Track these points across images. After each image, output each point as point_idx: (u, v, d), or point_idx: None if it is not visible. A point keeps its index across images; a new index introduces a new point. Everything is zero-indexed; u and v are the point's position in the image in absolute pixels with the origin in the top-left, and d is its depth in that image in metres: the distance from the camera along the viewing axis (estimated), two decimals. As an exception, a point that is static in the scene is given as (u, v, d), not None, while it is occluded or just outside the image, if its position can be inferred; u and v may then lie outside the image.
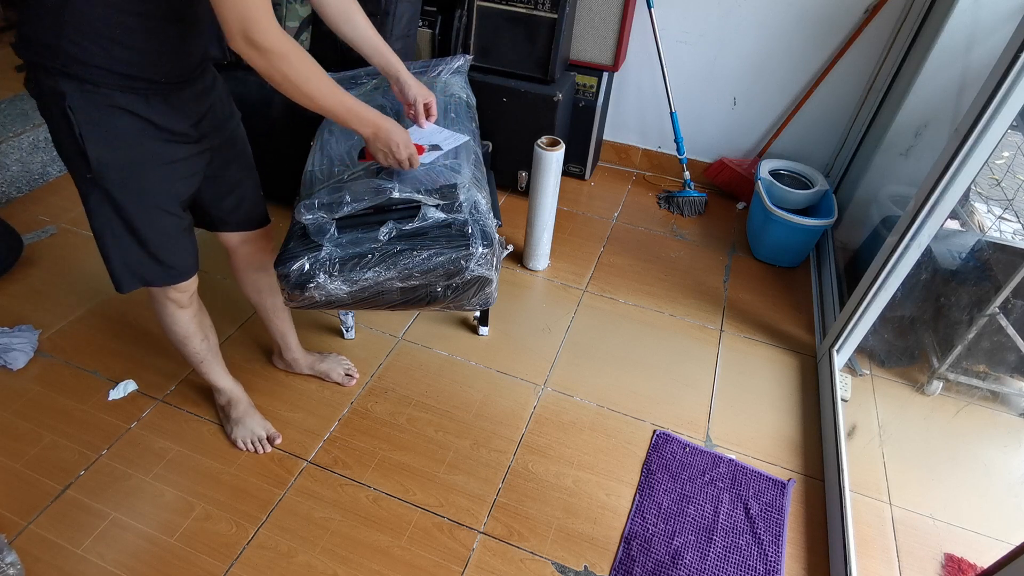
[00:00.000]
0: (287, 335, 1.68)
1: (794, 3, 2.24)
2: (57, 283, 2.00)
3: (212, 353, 1.48)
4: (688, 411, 1.76)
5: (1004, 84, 1.29)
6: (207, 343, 1.45)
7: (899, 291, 1.68)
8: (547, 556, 1.41)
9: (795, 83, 2.41)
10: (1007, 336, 1.66)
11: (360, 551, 1.39)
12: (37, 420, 1.60)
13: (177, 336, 1.40)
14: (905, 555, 1.47)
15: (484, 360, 1.87)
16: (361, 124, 1.13)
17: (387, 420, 1.67)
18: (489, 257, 1.24)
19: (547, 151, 1.93)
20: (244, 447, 1.57)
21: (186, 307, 1.35)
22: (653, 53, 2.46)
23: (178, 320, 1.36)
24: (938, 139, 1.95)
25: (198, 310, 1.40)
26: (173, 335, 1.40)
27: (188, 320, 1.38)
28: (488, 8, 2.27)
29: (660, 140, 2.77)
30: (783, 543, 1.46)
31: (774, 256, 2.34)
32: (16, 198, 2.34)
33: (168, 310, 1.33)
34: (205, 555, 1.37)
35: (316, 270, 1.18)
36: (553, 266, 2.26)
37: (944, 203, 1.49)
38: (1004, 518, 1.55)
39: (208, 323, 1.45)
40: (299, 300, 1.23)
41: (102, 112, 1.00)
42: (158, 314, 1.37)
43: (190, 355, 1.44)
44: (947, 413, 1.87)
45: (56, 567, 1.33)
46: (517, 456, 1.61)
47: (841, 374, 1.81)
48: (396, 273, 1.21)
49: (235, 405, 1.58)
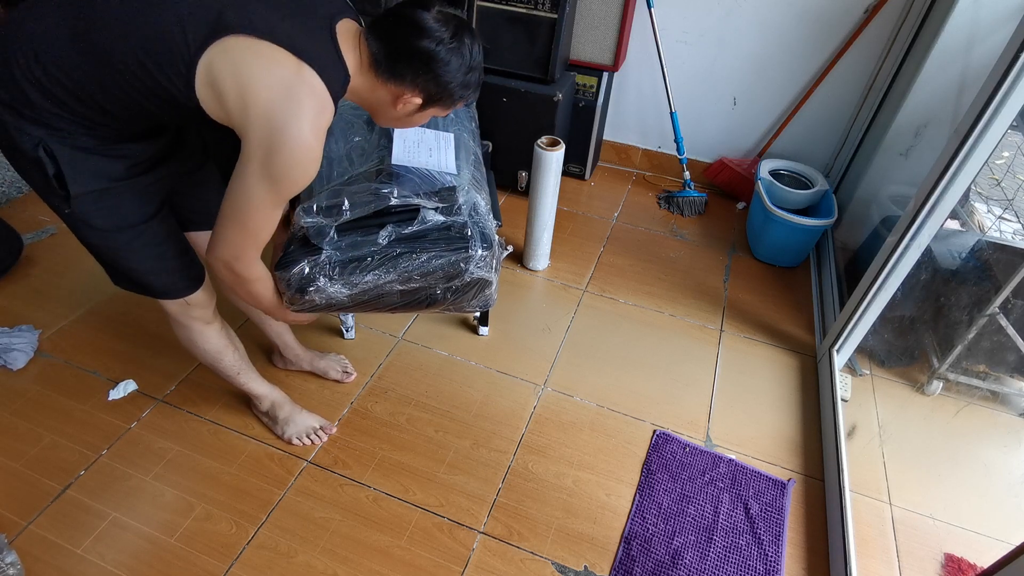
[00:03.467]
0: (283, 334, 1.68)
1: (794, 3, 2.24)
2: (57, 283, 2.00)
3: (245, 362, 1.47)
4: (688, 411, 1.76)
5: (1004, 84, 1.29)
6: (238, 353, 1.44)
7: (899, 291, 1.68)
8: (547, 556, 1.41)
9: (795, 83, 2.41)
10: (1007, 336, 1.66)
11: (360, 551, 1.39)
12: (37, 420, 1.60)
13: (210, 354, 1.38)
14: (905, 555, 1.47)
15: (484, 360, 1.87)
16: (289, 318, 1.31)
17: (387, 420, 1.67)
18: (489, 259, 1.24)
19: (547, 151, 1.93)
20: (301, 443, 1.58)
21: (212, 322, 1.34)
22: (653, 53, 2.46)
23: (208, 337, 1.35)
24: (938, 139, 1.95)
25: (222, 323, 1.39)
26: (206, 354, 1.38)
27: (217, 335, 1.37)
28: (488, 8, 2.27)
29: (660, 140, 2.77)
30: (783, 543, 1.46)
31: (774, 256, 2.34)
32: (16, 198, 2.34)
33: (195, 329, 1.32)
34: (205, 555, 1.37)
35: (316, 274, 1.18)
36: (553, 266, 2.26)
37: (944, 203, 1.49)
38: (1004, 518, 1.55)
39: (232, 333, 1.44)
40: (300, 304, 1.23)
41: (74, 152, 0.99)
42: (185, 340, 1.35)
43: (226, 369, 1.43)
44: (947, 413, 1.87)
45: (56, 567, 1.33)
46: (517, 456, 1.61)
47: (841, 374, 1.81)
48: (396, 276, 1.20)
49: (280, 407, 1.58)
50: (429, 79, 1.01)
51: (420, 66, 1.00)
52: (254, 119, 0.90)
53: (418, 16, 0.98)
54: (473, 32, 1.04)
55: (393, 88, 1.03)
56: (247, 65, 0.89)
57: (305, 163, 0.94)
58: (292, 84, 0.90)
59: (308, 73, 0.91)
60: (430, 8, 0.99)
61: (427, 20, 0.98)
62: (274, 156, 0.91)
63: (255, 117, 0.90)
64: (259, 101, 0.89)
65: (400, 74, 1.01)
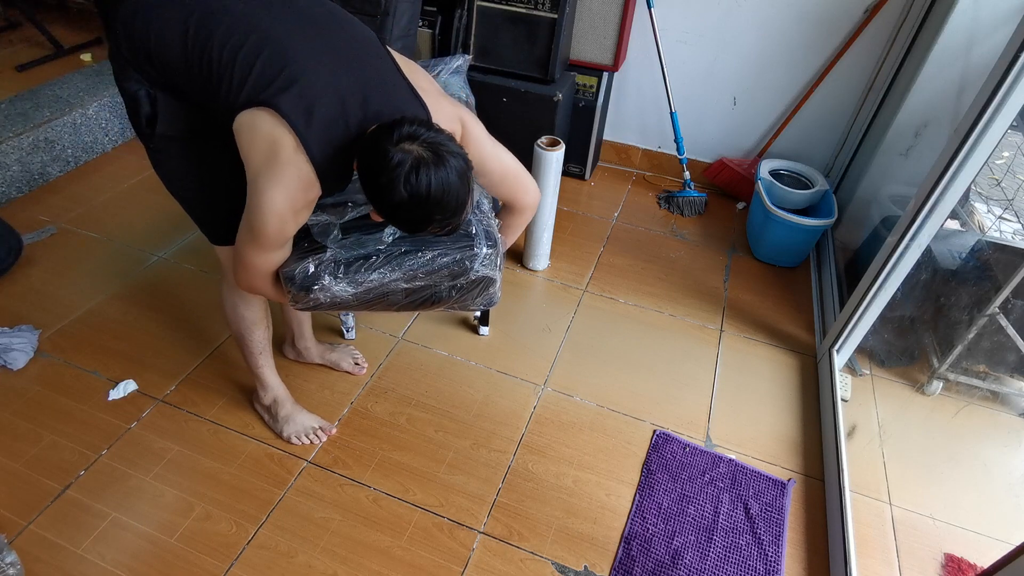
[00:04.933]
0: (303, 323, 1.71)
1: (794, 3, 2.24)
2: (57, 283, 2.00)
3: (269, 345, 1.52)
4: (688, 411, 1.76)
5: (1004, 84, 1.29)
6: (268, 333, 1.50)
7: (899, 291, 1.68)
8: (547, 556, 1.41)
9: (795, 83, 2.41)
10: (1007, 336, 1.66)
11: (360, 551, 1.39)
12: (37, 420, 1.60)
13: (247, 322, 1.43)
14: (905, 555, 1.47)
15: (484, 360, 1.87)
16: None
17: (387, 420, 1.67)
18: (493, 257, 1.24)
19: (547, 151, 1.93)
20: (299, 442, 1.59)
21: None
22: (653, 53, 2.46)
23: (252, 304, 1.41)
24: (938, 139, 1.95)
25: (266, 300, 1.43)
26: (243, 321, 1.43)
27: (259, 305, 1.43)
28: (488, 8, 2.27)
29: (660, 140, 2.77)
30: (783, 543, 1.46)
31: (774, 256, 2.34)
32: (16, 198, 2.34)
33: (244, 293, 1.36)
34: (205, 555, 1.37)
35: (321, 272, 1.18)
36: (553, 266, 2.26)
37: (944, 203, 1.49)
38: (1004, 518, 1.56)
39: (269, 313, 1.49)
40: (304, 302, 1.23)
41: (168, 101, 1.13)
42: (230, 303, 1.40)
43: (253, 344, 1.47)
44: (947, 413, 1.87)
45: (56, 567, 1.33)
46: (517, 456, 1.61)
47: (841, 374, 1.81)
48: (401, 274, 1.20)
49: (281, 404, 1.59)
50: (378, 209, 1.05)
51: (370, 195, 1.03)
52: (250, 169, 1.04)
53: (380, 147, 0.97)
54: (444, 167, 0.99)
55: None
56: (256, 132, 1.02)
57: (277, 222, 1.05)
58: (282, 161, 1.01)
59: (301, 160, 1.01)
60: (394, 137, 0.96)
61: (386, 153, 0.96)
62: (253, 210, 1.05)
63: (251, 169, 1.04)
64: (252, 164, 1.03)
65: (365, 192, 1.05)
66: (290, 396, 1.61)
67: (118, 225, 2.26)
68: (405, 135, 0.97)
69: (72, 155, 2.51)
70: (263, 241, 1.08)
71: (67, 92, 2.56)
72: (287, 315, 1.68)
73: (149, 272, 2.08)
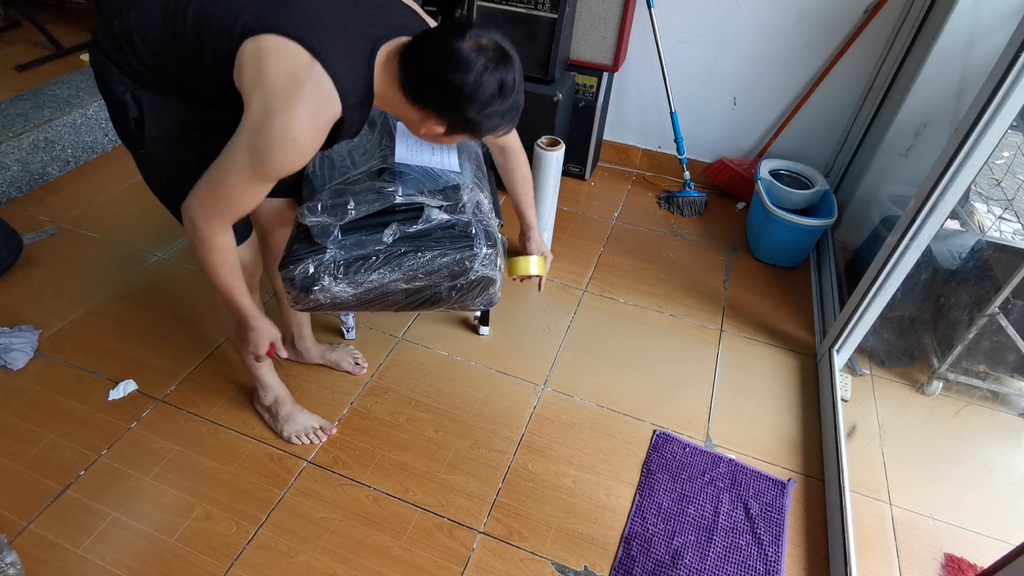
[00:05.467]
0: (303, 324, 1.71)
1: (794, 3, 2.24)
2: (57, 283, 2.00)
3: None
4: (688, 411, 1.76)
5: (1004, 84, 1.29)
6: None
7: (899, 291, 1.68)
8: (547, 556, 1.41)
9: (795, 83, 2.41)
10: (1007, 336, 1.66)
11: (360, 551, 1.39)
12: (37, 420, 1.60)
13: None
14: (905, 555, 1.47)
15: (484, 360, 1.87)
16: (240, 312, 1.22)
17: (387, 420, 1.67)
18: (493, 257, 1.24)
19: (547, 151, 1.93)
20: (299, 442, 1.59)
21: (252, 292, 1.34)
22: (653, 53, 2.46)
23: None
24: (938, 139, 1.95)
25: (260, 302, 1.41)
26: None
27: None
28: (488, 8, 2.27)
29: (660, 140, 2.77)
30: (783, 543, 1.46)
31: (774, 256, 2.34)
32: (16, 198, 2.34)
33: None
34: (205, 555, 1.37)
35: (321, 273, 1.18)
36: (553, 266, 2.26)
37: (944, 203, 1.49)
38: (1004, 518, 1.56)
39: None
40: (304, 303, 1.23)
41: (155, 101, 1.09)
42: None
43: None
44: (947, 413, 1.87)
45: (56, 567, 1.33)
46: (517, 456, 1.61)
47: (841, 374, 1.81)
48: (401, 275, 1.21)
49: (282, 403, 1.59)
50: (453, 113, 1.00)
51: (445, 99, 0.98)
52: (258, 95, 0.95)
53: (452, 46, 0.94)
54: (513, 62, 0.98)
55: (419, 111, 1.02)
56: (268, 55, 0.95)
57: (289, 149, 0.97)
58: (299, 75, 0.94)
59: (318, 71, 0.94)
60: (466, 35, 0.94)
61: (462, 51, 0.93)
62: (263, 133, 0.95)
63: (260, 94, 0.95)
64: (267, 81, 0.95)
65: (425, 101, 1.00)
66: (290, 396, 1.61)
67: (118, 225, 2.26)
68: (475, 33, 0.95)
69: (72, 155, 2.51)
70: (264, 168, 0.98)
71: (67, 92, 2.56)
72: (287, 316, 1.68)
73: (149, 272, 2.08)
